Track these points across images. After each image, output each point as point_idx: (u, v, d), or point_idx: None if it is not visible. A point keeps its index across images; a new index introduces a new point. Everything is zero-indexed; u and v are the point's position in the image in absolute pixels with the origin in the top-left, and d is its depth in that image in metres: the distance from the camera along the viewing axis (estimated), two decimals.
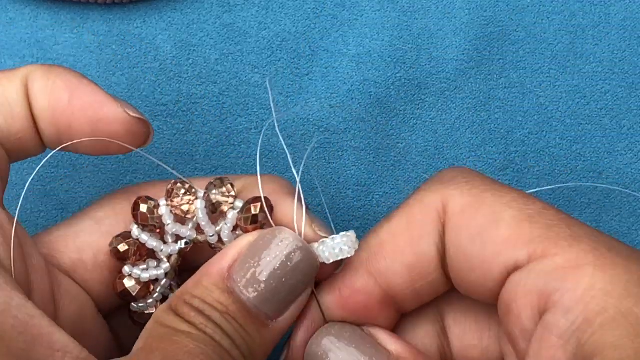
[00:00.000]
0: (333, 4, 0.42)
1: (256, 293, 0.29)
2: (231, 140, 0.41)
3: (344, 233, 0.30)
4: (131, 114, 0.30)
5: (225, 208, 0.31)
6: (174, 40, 0.41)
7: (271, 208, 0.30)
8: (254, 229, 0.30)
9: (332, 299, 0.30)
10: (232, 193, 0.31)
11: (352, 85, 0.41)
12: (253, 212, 0.30)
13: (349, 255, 0.30)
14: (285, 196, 0.31)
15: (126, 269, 0.32)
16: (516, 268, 0.28)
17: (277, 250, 0.29)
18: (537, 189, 0.41)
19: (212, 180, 0.31)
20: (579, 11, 0.42)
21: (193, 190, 0.31)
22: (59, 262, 0.31)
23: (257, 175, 0.31)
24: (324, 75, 0.41)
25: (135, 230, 0.32)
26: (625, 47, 0.42)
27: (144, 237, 0.32)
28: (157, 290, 0.32)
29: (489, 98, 0.42)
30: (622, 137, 0.42)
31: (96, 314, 0.32)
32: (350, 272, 0.30)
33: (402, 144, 0.42)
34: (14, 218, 0.29)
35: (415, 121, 0.42)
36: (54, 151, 0.31)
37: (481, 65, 0.42)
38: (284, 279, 0.29)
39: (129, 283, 0.32)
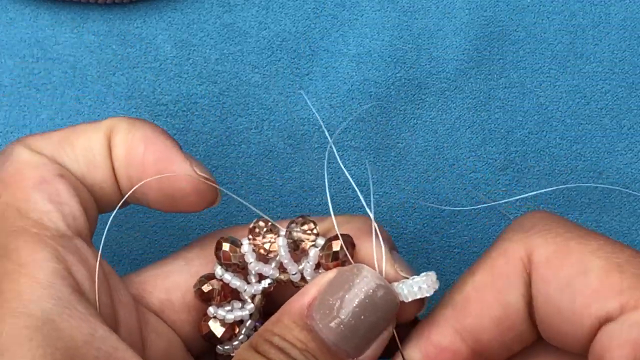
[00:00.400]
0: (333, 4, 0.42)
1: (336, 330, 0.29)
2: (231, 140, 0.41)
3: (424, 273, 0.30)
4: (199, 172, 0.31)
5: (307, 246, 0.31)
6: (174, 40, 0.41)
7: (352, 246, 0.30)
8: (335, 266, 0.30)
9: (418, 357, 0.30)
10: (315, 231, 0.31)
11: (352, 85, 0.41)
12: (334, 249, 0.30)
13: (428, 295, 0.30)
14: (368, 235, 0.31)
15: (211, 310, 0.32)
16: (608, 319, 0.28)
17: (356, 288, 0.29)
18: (536, 192, 0.41)
19: (294, 219, 0.31)
20: (579, 11, 0.42)
21: (275, 229, 0.31)
22: (148, 302, 0.32)
23: (343, 215, 0.31)
24: (324, 75, 0.41)
25: (219, 270, 0.31)
26: (625, 47, 0.42)
27: (227, 277, 0.31)
28: (242, 332, 0.32)
29: (489, 98, 0.42)
30: (622, 137, 0.42)
31: (185, 354, 0.32)
32: (436, 330, 0.30)
33: (402, 144, 0.42)
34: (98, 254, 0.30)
35: (415, 121, 0.42)
36: (123, 199, 0.31)
37: (481, 65, 0.42)
38: (363, 317, 0.29)
39: (214, 325, 0.32)
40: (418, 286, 0.30)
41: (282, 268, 0.31)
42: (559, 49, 0.42)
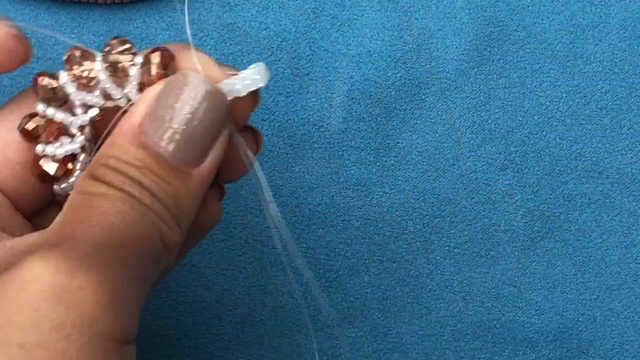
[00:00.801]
0: (333, 4, 0.42)
1: (171, 142, 0.28)
2: None
3: (252, 65, 0.29)
4: (8, 30, 0.30)
5: (126, 66, 0.30)
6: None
7: (172, 57, 0.30)
8: (159, 79, 0.29)
9: None
10: (132, 50, 0.30)
11: (352, 85, 0.41)
12: (153, 61, 0.29)
13: (261, 85, 0.29)
14: (186, 46, 0.30)
15: (39, 147, 0.31)
16: None
17: (185, 94, 0.28)
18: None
19: (108, 42, 0.30)
20: (579, 11, 0.42)
21: (91, 55, 0.30)
22: None
23: (163, 44, 0.30)
24: (324, 75, 0.41)
25: (41, 107, 0.30)
26: (625, 47, 0.42)
27: (51, 111, 0.30)
28: (77, 167, 0.31)
29: (489, 98, 0.42)
30: (622, 137, 0.42)
31: (13, 213, 0.31)
32: None
33: (402, 144, 0.42)
34: None
35: (415, 121, 0.42)
36: None
37: (481, 65, 0.42)
38: (196, 123, 0.28)
39: (45, 163, 0.31)
40: (250, 78, 0.29)
41: (107, 97, 0.30)
42: (559, 49, 0.42)
